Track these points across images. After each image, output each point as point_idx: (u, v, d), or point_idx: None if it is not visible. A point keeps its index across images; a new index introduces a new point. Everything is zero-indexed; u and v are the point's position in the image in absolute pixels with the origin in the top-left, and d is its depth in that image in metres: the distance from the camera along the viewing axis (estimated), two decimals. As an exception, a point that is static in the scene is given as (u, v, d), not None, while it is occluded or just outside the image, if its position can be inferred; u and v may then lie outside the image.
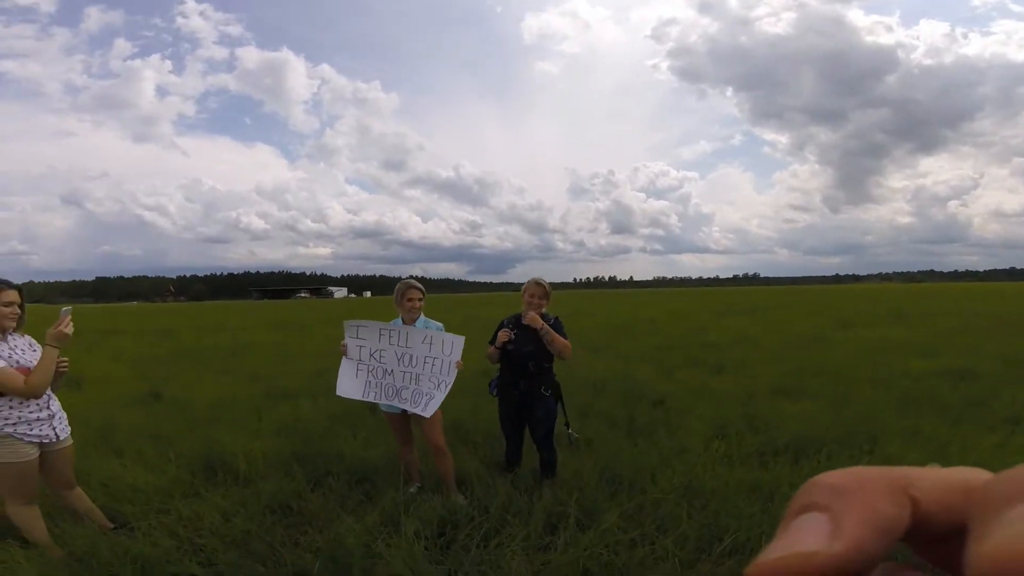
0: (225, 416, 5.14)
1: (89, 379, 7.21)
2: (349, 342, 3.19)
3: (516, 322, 3.28)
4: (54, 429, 2.55)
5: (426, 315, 3.32)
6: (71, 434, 2.71)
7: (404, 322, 3.20)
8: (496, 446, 3.97)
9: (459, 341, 3.12)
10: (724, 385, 6.19)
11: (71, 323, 2.47)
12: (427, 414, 3.07)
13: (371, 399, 3.20)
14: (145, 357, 10.25)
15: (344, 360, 3.21)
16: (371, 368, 3.19)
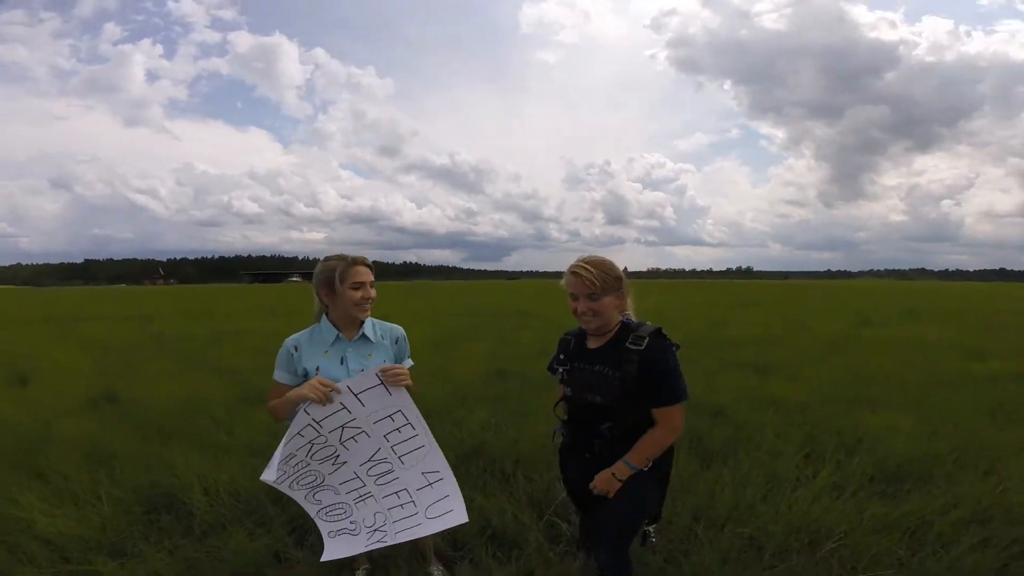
0: (187, 426, 4.19)
1: (39, 374, 6.23)
2: (345, 393, 1.72)
3: (576, 345, 1.88)
4: None
5: (382, 312, 1.99)
6: None
7: (338, 328, 1.87)
8: (537, 478, 3.08)
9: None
10: (780, 391, 5.35)
11: None
12: (331, 554, 1.84)
13: (273, 481, 1.76)
14: (115, 347, 9.22)
15: (300, 412, 1.72)
16: (316, 443, 1.77)
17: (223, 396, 5.24)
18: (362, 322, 1.90)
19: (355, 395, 1.73)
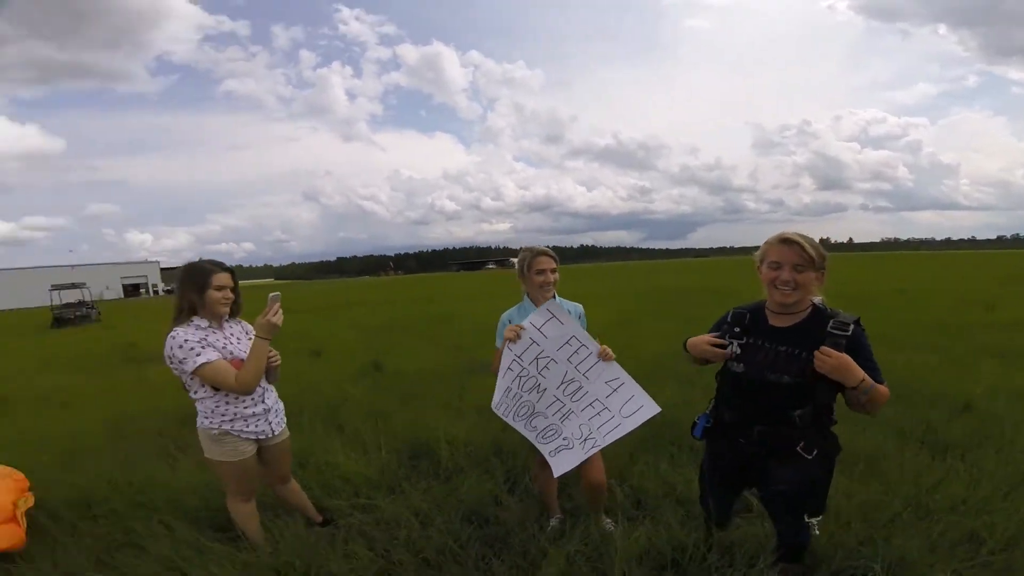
0: (432, 390, 5.30)
1: (328, 349, 8.40)
2: (528, 328, 2.26)
3: (753, 320, 1.88)
4: (270, 424, 2.37)
5: (562, 294, 2.46)
6: (287, 424, 2.56)
7: (535, 304, 2.38)
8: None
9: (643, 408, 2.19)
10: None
11: (280, 311, 2.15)
12: (559, 469, 2.28)
13: (501, 413, 2.37)
14: (372, 327, 11.81)
15: (505, 351, 2.30)
16: (522, 376, 2.31)
17: (454, 367, 6.43)
18: (553, 300, 2.36)
19: (538, 329, 2.25)
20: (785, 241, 1.72)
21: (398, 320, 13.09)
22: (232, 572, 2.17)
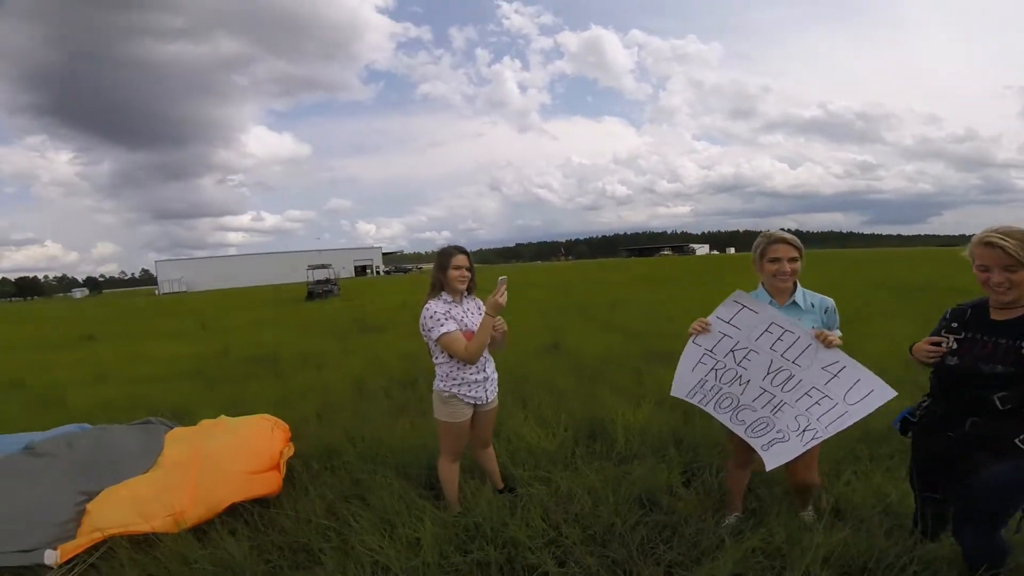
0: (608, 373, 5.34)
1: (514, 327, 9.08)
2: (715, 323, 2.18)
3: (974, 316, 1.83)
4: (486, 391, 2.59)
5: (805, 285, 2.21)
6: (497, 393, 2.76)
7: (771, 295, 2.17)
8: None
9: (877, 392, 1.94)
10: None
11: (506, 292, 2.38)
12: (773, 463, 2.05)
13: (696, 402, 2.27)
14: (548, 308, 12.37)
15: (690, 344, 2.24)
16: (719, 369, 2.19)
17: (628, 352, 6.39)
18: (793, 291, 2.14)
19: (726, 322, 2.10)
20: (987, 244, 1.68)
21: (571, 303, 13.47)
22: (431, 528, 2.40)
